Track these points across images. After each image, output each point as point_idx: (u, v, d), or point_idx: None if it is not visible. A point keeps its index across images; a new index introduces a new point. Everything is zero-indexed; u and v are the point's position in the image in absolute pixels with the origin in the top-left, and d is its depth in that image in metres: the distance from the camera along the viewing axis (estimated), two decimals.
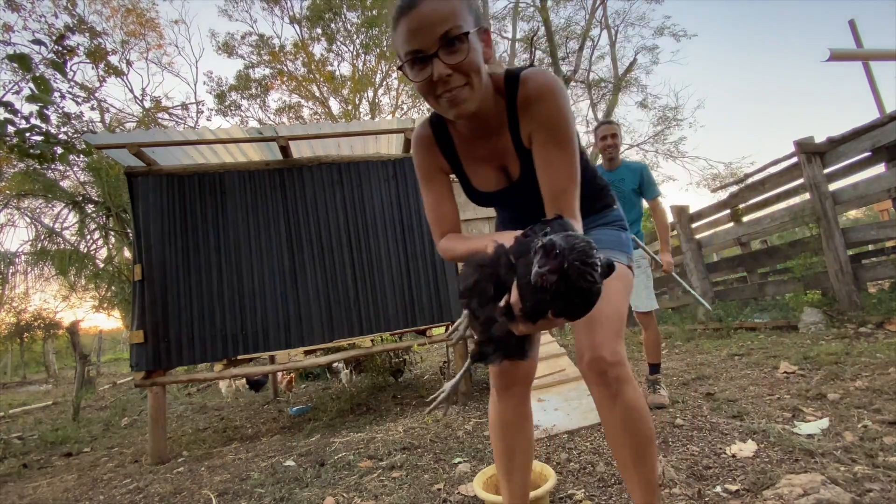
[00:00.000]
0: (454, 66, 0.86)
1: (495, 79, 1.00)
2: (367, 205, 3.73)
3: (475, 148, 1.08)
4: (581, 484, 1.64)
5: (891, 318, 3.59)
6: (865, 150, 4.09)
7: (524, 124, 0.99)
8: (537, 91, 0.94)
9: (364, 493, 1.85)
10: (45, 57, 7.43)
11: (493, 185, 1.11)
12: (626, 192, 2.77)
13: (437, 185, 1.11)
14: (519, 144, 1.03)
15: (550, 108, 0.94)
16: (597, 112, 14.00)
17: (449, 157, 1.11)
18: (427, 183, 1.12)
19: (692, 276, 5.92)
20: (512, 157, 1.06)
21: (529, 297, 0.70)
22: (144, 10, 13.06)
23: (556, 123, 0.95)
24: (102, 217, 8.47)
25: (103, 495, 2.42)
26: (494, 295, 0.78)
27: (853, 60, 3.74)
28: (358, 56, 15.28)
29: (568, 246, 0.65)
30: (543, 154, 0.97)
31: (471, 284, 0.80)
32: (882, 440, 1.59)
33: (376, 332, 3.56)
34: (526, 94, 0.96)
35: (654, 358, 2.66)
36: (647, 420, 0.98)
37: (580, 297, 0.67)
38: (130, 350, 3.23)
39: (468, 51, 0.85)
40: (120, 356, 17.36)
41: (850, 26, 5.78)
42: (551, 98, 0.94)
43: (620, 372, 0.97)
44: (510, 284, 0.74)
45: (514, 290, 0.73)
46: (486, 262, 0.80)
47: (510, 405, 1.16)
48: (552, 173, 0.96)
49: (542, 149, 0.97)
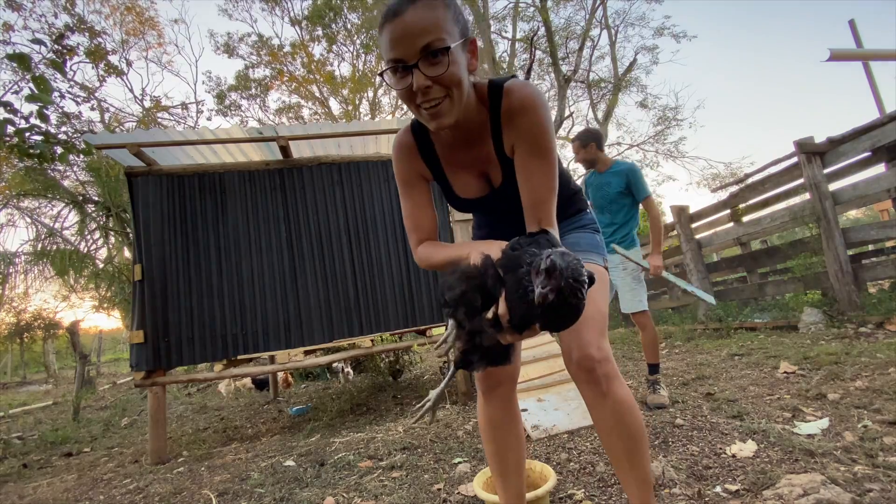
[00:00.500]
0: (434, 79, 0.86)
1: (479, 87, 1.01)
2: (367, 205, 3.73)
3: (457, 155, 1.09)
4: (581, 484, 1.64)
5: (891, 318, 3.59)
6: (865, 150, 4.09)
7: (507, 134, 1.01)
8: (520, 103, 0.96)
9: (364, 493, 1.85)
10: (44, 57, 7.44)
11: (474, 192, 1.12)
12: (612, 194, 2.75)
13: (417, 193, 1.12)
14: (501, 153, 1.04)
15: (533, 120, 0.96)
16: (597, 112, 14.00)
17: (430, 163, 1.11)
18: (407, 189, 1.13)
19: (692, 276, 5.92)
20: (494, 166, 1.07)
21: (519, 310, 0.72)
22: (143, 8, 13.05)
23: (538, 135, 0.96)
24: (102, 217, 8.47)
25: (103, 495, 2.42)
26: (481, 305, 0.79)
27: (853, 60, 3.75)
28: (358, 56, 15.28)
29: (564, 265, 0.68)
30: (525, 165, 0.99)
31: (458, 295, 0.81)
32: (882, 440, 1.59)
33: (376, 332, 3.56)
34: (510, 105, 0.97)
35: (653, 358, 2.66)
36: (637, 415, 1.00)
37: (570, 311, 0.71)
38: (130, 350, 3.23)
39: (448, 64, 0.86)
40: (120, 356, 17.36)
41: (850, 26, 5.78)
42: (534, 110, 0.95)
43: (609, 368, 0.98)
44: (498, 296, 0.76)
45: (502, 303, 0.74)
46: (474, 274, 0.80)
47: (498, 406, 1.18)
48: (533, 183, 0.98)
49: (523, 159, 0.99)
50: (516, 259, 0.75)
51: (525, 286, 0.71)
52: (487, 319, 0.77)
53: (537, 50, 11.98)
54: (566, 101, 11.88)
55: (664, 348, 4.57)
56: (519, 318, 0.73)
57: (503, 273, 0.77)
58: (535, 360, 2.92)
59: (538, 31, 11.81)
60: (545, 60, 13.18)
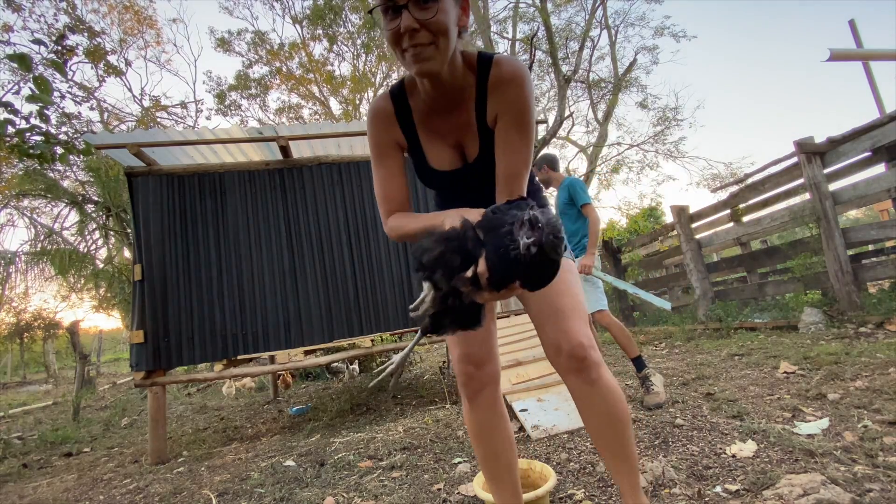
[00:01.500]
0: (422, 22, 0.87)
1: (468, 56, 1.02)
2: (367, 205, 3.73)
3: (435, 122, 1.08)
4: (581, 484, 1.64)
5: (891, 318, 3.59)
6: (865, 150, 4.09)
7: (492, 104, 1.01)
8: (510, 74, 0.97)
9: (364, 493, 1.85)
10: (44, 57, 7.43)
11: (447, 164, 1.11)
12: (561, 206, 3.07)
13: (390, 162, 1.10)
14: (482, 123, 1.04)
15: (519, 93, 0.98)
16: (597, 112, 13.99)
17: (406, 131, 1.10)
18: (380, 158, 1.10)
19: (692, 276, 5.92)
20: (472, 136, 1.07)
21: (500, 268, 0.74)
22: (142, 7, 13.04)
23: (522, 108, 0.98)
24: (102, 217, 8.47)
25: (103, 495, 2.42)
26: (459, 266, 0.80)
27: (853, 60, 3.75)
28: (358, 56, 15.28)
29: (545, 220, 0.72)
30: (506, 136, 1.00)
31: (436, 256, 0.81)
32: (882, 440, 1.59)
33: (376, 332, 3.56)
34: (500, 74, 0.98)
35: (632, 352, 2.64)
36: (624, 400, 1.04)
37: (550, 267, 0.74)
38: (130, 350, 3.23)
39: (438, 11, 0.87)
40: (120, 356, 17.36)
41: (850, 26, 5.78)
42: (521, 83, 0.97)
43: (596, 356, 1.01)
44: (478, 256, 0.77)
45: (482, 262, 0.76)
46: (453, 236, 0.82)
47: (484, 408, 1.16)
48: (511, 156, 1.00)
49: (505, 131, 1.00)
50: (498, 220, 0.77)
51: (507, 244, 0.72)
52: (466, 279, 0.78)
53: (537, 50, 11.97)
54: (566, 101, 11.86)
55: (664, 348, 4.58)
56: (500, 276, 0.74)
57: (483, 234, 0.78)
58: (535, 360, 2.92)
59: (538, 31, 11.80)
60: (545, 61, 13.16)
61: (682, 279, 6.83)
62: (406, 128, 1.09)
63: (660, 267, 8.08)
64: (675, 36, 13.00)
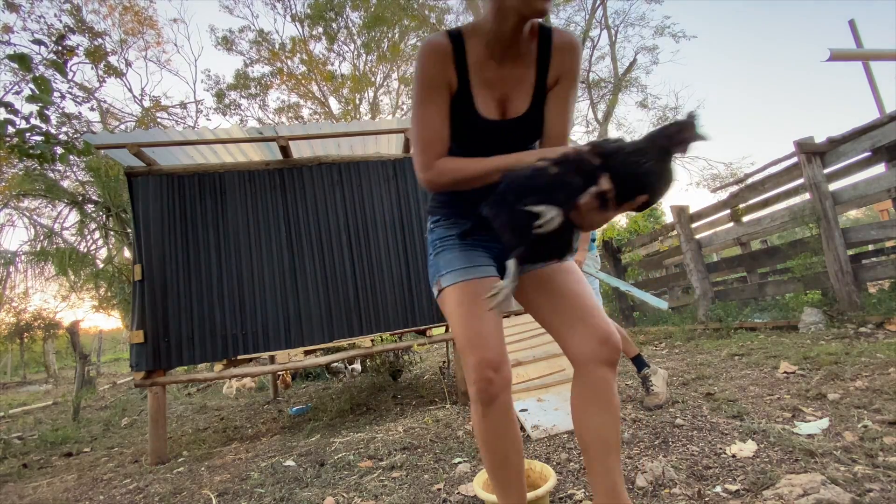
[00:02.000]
0: None
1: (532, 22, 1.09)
2: (367, 205, 3.73)
3: (488, 72, 1.10)
4: (581, 484, 1.64)
5: (891, 318, 3.59)
6: (865, 150, 4.09)
7: (556, 65, 1.10)
8: (573, 43, 1.10)
9: (364, 493, 1.85)
10: (45, 57, 7.43)
11: (492, 113, 1.12)
12: None
13: (440, 100, 1.07)
14: (541, 82, 1.11)
15: (579, 60, 1.11)
16: (597, 112, 14.00)
17: (460, 73, 1.09)
18: (430, 96, 1.06)
19: (692, 276, 5.92)
20: (524, 92, 1.11)
21: (631, 183, 0.84)
22: (142, 8, 13.03)
23: (578, 76, 1.11)
24: (102, 217, 8.47)
25: (103, 495, 2.42)
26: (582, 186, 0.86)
27: (853, 60, 3.75)
28: (359, 56, 15.28)
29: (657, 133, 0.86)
30: (563, 99, 1.11)
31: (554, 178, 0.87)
32: (882, 440, 1.59)
33: (376, 332, 3.56)
34: (566, 40, 1.09)
35: (631, 351, 2.59)
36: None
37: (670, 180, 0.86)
38: (130, 350, 3.23)
39: None
40: (120, 356, 17.36)
41: (850, 26, 5.79)
42: (580, 53, 1.11)
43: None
44: (598, 176, 0.85)
45: (605, 180, 0.84)
46: (571, 159, 0.88)
47: (499, 414, 1.09)
48: (564, 118, 1.11)
49: (563, 94, 1.11)
50: (618, 145, 0.87)
51: (636, 160, 0.83)
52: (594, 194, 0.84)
53: None
54: None
55: (664, 348, 4.58)
56: (630, 189, 0.84)
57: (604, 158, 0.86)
58: (535, 360, 2.92)
59: None
60: None
61: (682, 279, 6.83)
62: (460, 70, 1.09)
63: (660, 267, 8.08)
64: (674, 36, 13.02)
